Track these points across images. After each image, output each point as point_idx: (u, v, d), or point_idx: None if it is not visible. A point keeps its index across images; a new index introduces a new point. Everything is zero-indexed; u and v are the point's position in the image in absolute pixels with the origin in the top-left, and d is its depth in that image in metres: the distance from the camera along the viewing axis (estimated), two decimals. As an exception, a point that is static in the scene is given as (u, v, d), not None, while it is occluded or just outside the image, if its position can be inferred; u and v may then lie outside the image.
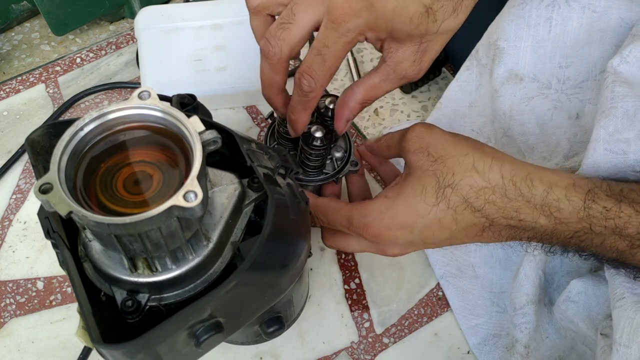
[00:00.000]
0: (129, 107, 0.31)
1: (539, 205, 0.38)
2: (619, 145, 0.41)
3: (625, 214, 0.36)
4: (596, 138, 0.42)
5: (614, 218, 0.36)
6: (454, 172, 0.40)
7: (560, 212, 0.37)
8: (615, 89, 0.43)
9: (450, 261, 0.58)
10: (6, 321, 0.56)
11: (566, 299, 0.47)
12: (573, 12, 0.50)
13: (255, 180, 0.37)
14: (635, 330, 0.37)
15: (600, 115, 0.43)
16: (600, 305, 0.45)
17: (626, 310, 0.39)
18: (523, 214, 0.38)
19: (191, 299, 0.33)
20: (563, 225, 0.38)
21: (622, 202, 0.36)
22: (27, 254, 0.60)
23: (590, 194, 0.37)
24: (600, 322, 0.44)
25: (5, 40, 0.79)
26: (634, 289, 0.40)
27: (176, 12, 0.67)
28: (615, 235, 0.36)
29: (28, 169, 0.66)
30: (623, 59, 0.44)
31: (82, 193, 0.30)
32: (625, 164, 0.41)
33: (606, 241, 0.37)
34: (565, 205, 0.37)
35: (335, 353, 0.55)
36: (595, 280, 0.46)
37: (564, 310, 0.48)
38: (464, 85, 0.61)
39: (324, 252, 0.61)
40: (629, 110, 0.42)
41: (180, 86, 0.62)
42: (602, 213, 0.36)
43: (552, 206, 0.38)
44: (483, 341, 0.54)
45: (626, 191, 0.37)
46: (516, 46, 0.54)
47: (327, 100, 0.50)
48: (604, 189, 0.37)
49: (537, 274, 0.49)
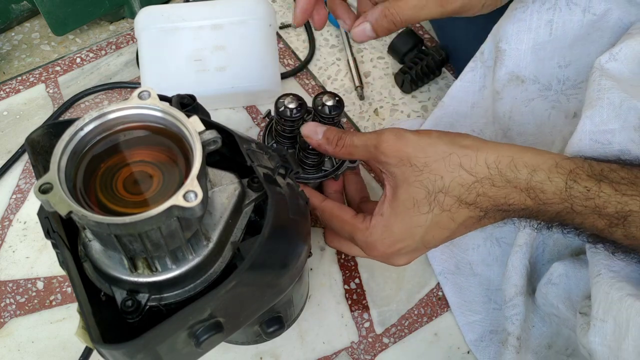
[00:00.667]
0: (129, 107, 0.31)
1: (524, 188, 0.39)
2: (605, 136, 0.42)
3: (605, 194, 0.37)
4: (582, 129, 0.43)
5: (594, 198, 0.37)
6: (443, 176, 0.40)
7: (544, 193, 0.38)
8: (602, 82, 0.43)
9: (449, 258, 0.58)
10: (6, 321, 0.56)
11: (547, 281, 0.48)
12: (573, 15, 0.51)
13: (255, 180, 0.37)
14: (610, 305, 0.38)
15: (587, 107, 0.44)
16: (580, 288, 0.46)
17: (602, 286, 0.40)
18: (511, 198, 0.39)
19: (191, 299, 0.33)
20: (547, 205, 0.38)
21: (602, 182, 0.37)
22: (27, 254, 0.60)
23: (572, 174, 0.38)
24: (579, 303, 0.44)
25: (5, 40, 0.79)
26: (611, 266, 0.41)
27: (176, 12, 0.67)
28: (595, 215, 0.37)
29: (28, 169, 0.66)
30: (612, 56, 0.44)
31: (82, 193, 0.30)
32: (610, 153, 0.42)
33: (586, 220, 0.38)
34: (548, 186, 0.38)
35: (335, 353, 0.55)
36: (576, 264, 0.47)
37: (544, 293, 0.48)
38: (467, 86, 0.61)
39: (324, 252, 0.61)
40: (614, 101, 0.42)
41: (180, 86, 0.62)
42: (583, 193, 0.37)
43: (536, 188, 0.38)
44: (480, 337, 0.55)
45: (606, 171, 0.38)
46: (517, 48, 0.54)
47: (324, 98, 0.50)
48: (585, 169, 0.38)
49: (523, 264, 0.50)
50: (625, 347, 0.37)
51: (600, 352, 0.39)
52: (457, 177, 0.40)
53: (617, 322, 0.38)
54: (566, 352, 0.51)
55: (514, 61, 0.55)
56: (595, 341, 0.39)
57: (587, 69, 0.51)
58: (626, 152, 0.41)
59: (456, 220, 0.41)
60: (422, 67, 0.70)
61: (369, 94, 0.72)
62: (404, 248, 0.43)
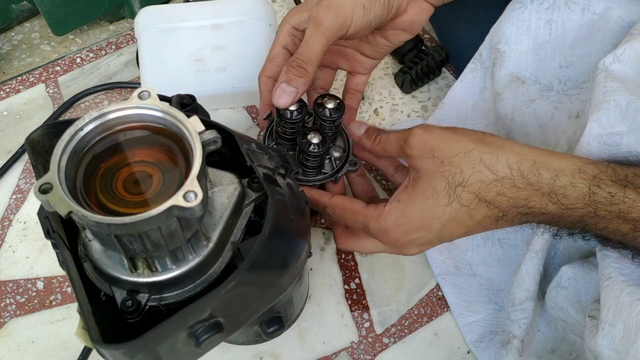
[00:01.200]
0: (129, 107, 0.31)
1: (547, 192, 0.38)
2: (613, 138, 0.42)
3: (629, 199, 0.37)
4: (589, 132, 0.43)
5: (618, 203, 0.37)
6: (462, 170, 0.40)
7: (566, 198, 0.38)
8: (608, 84, 0.43)
9: (448, 259, 0.58)
10: (6, 321, 0.56)
11: (556, 285, 0.48)
12: (573, 14, 0.50)
13: (255, 180, 0.37)
14: (620, 309, 0.38)
15: (593, 110, 0.44)
16: (590, 291, 0.46)
17: (612, 290, 0.39)
18: (532, 201, 0.39)
19: (191, 299, 0.33)
20: (569, 210, 0.38)
21: (626, 188, 0.37)
22: (27, 254, 0.60)
23: (595, 179, 0.38)
24: (588, 306, 0.44)
25: (5, 40, 0.79)
26: (622, 269, 0.40)
27: (176, 12, 0.67)
28: (620, 219, 0.37)
29: (28, 169, 0.66)
30: (616, 57, 0.44)
31: (82, 193, 0.30)
32: (618, 155, 0.42)
33: (610, 225, 0.38)
34: (571, 191, 0.38)
35: (335, 353, 0.55)
36: (585, 267, 0.47)
37: (554, 297, 0.48)
38: (468, 87, 0.61)
39: (324, 252, 0.61)
40: (621, 103, 0.42)
41: (180, 86, 0.62)
42: (607, 198, 0.37)
43: (558, 193, 0.38)
44: (479, 338, 0.55)
45: (631, 176, 0.37)
46: (517, 49, 0.54)
47: (325, 100, 0.50)
48: (609, 175, 0.38)
49: (538, 269, 0.49)
50: (633, 352, 0.37)
51: (607, 355, 0.39)
52: (476, 172, 0.40)
53: (627, 326, 0.37)
54: (570, 357, 0.51)
55: (514, 62, 0.55)
56: (603, 344, 0.39)
57: (589, 69, 0.51)
58: (634, 154, 0.41)
59: (474, 218, 0.41)
60: (422, 67, 0.70)
61: (369, 94, 0.72)
62: (419, 238, 0.43)
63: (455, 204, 0.41)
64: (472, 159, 0.40)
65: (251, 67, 0.66)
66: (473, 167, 0.40)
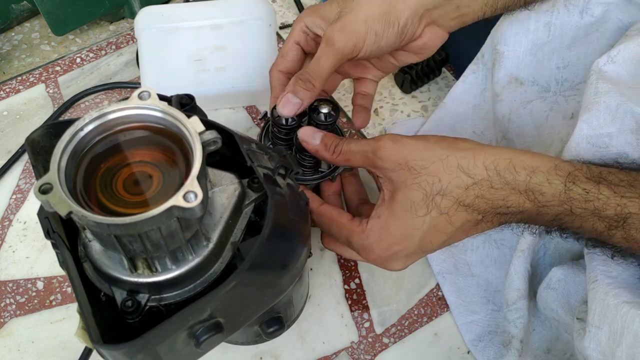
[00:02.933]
0: (129, 107, 0.31)
1: (523, 190, 0.39)
2: (602, 140, 0.42)
3: (604, 196, 0.37)
4: (579, 133, 0.43)
5: (593, 200, 0.37)
6: (440, 178, 0.40)
7: (543, 195, 0.38)
8: (599, 85, 0.43)
9: (447, 258, 0.58)
10: (6, 321, 0.56)
11: (547, 286, 0.48)
12: (571, 17, 0.51)
13: (255, 180, 0.37)
14: (605, 312, 0.38)
15: (583, 110, 0.44)
16: (579, 293, 0.46)
17: (598, 292, 0.40)
18: (509, 201, 0.39)
19: (191, 299, 0.33)
20: (546, 208, 0.38)
21: (600, 184, 0.37)
22: (27, 254, 0.60)
23: (570, 176, 0.38)
24: (577, 308, 0.44)
25: (5, 40, 0.79)
26: (608, 272, 0.40)
27: (176, 12, 0.67)
28: (595, 217, 0.37)
29: (28, 169, 0.66)
30: (610, 58, 0.44)
31: (82, 193, 0.30)
32: (607, 157, 0.42)
33: (586, 223, 0.38)
34: (547, 189, 0.38)
35: (335, 353, 0.55)
36: (574, 268, 0.47)
37: (545, 298, 0.48)
38: (469, 88, 0.61)
39: (324, 252, 0.61)
40: (611, 105, 0.42)
41: (180, 86, 0.62)
42: (582, 195, 0.37)
43: (535, 190, 0.38)
44: (478, 337, 0.55)
45: (605, 173, 0.38)
46: (515, 50, 0.54)
47: (319, 105, 0.50)
48: (583, 172, 0.38)
49: (525, 268, 0.50)
50: (619, 355, 0.37)
51: (594, 358, 0.39)
52: (454, 179, 0.40)
53: (612, 329, 0.37)
54: (564, 356, 0.51)
55: (513, 63, 0.55)
56: (590, 347, 0.39)
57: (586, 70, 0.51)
58: (623, 155, 0.41)
59: (454, 224, 0.41)
60: (422, 67, 0.70)
61: (369, 94, 0.72)
62: (401, 251, 0.43)
63: (434, 212, 0.41)
64: (449, 165, 0.40)
65: (251, 67, 0.66)
66: (450, 174, 0.40)
